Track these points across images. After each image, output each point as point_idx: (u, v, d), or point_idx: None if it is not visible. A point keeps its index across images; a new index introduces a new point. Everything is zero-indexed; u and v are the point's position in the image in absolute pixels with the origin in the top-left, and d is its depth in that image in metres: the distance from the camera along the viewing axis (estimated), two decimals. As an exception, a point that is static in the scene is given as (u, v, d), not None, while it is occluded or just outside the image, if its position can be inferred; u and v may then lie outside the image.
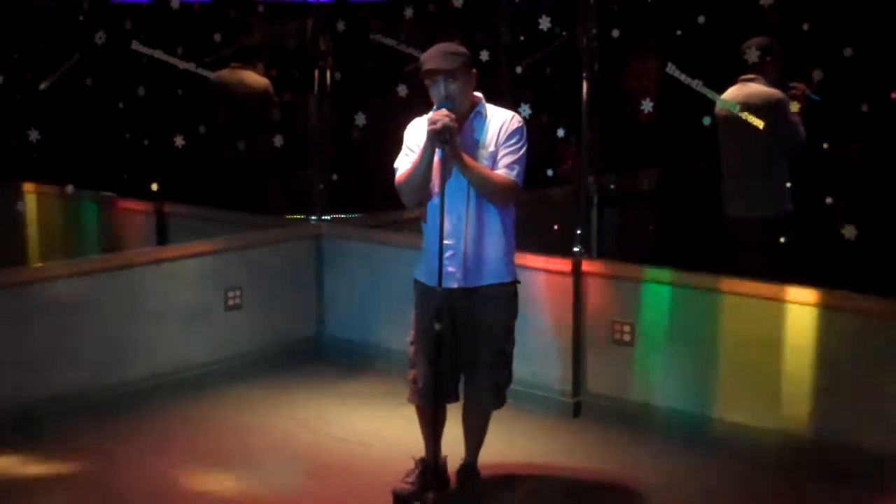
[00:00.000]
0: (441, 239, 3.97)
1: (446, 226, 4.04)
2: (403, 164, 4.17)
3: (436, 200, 4.06)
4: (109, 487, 4.52)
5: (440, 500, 4.18)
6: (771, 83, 5.22)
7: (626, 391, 5.19)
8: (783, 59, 5.20)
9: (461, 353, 4.19)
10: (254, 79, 6.83)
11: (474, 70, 4.14)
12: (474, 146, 4.09)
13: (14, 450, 4.83)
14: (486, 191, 4.09)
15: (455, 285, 4.10)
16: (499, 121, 4.14)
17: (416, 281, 4.31)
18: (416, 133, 4.18)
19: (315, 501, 4.48)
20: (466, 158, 4.02)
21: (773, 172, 5.32)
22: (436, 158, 4.03)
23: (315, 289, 6.33)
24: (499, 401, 4.32)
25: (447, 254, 4.08)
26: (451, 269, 4.10)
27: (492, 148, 4.11)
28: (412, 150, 4.15)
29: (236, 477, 4.64)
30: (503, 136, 4.11)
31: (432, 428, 4.34)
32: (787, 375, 4.73)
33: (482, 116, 4.16)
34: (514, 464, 4.75)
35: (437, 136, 3.91)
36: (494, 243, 4.16)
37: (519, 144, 4.12)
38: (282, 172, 6.89)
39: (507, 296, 4.23)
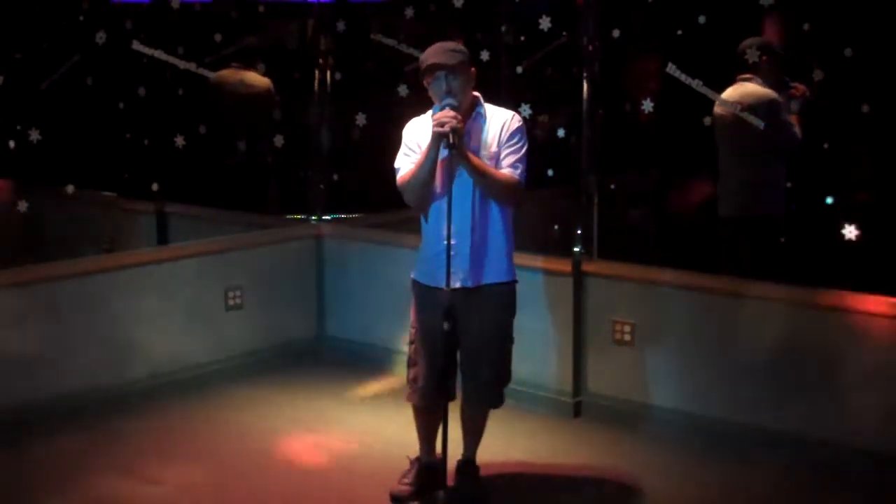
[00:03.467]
0: (449, 239, 3.98)
1: (452, 226, 4.07)
2: (405, 164, 4.17)
3: (438, 201, 4.09)
4: (109, 488, 4.52)
5: (448, 499, 4.18)
6: (767, 83, 5.21)
7: (626, 391, 5.19)
8: (780, 59, 5.19)
9: (463, 352, 4.20)
10: (256, 79, 6.82)
11: (473, 69, 4.15)
12: (477, 146, 4.10)
13: (14, 450, 4.83)
14: (492, 190, 4.11)
15: (458, 284, 4.10)
16: (499, 120, 4.15)
17: (415, 282, 4.31)
18: (415, 133, 4.19)
19: (315, 501, 4.48)
20: (473, 158, 4.03)
21: (766, 173, 5.31)
22: (440, 158, 4.05)
23: (315, 289, 6.33)
24: (499, 399, 4.34)
25: (451, 253, 4.09)
26: (454, 268, 4.10)
27: (494, 147, 4.12)
28: (413, 150, 4.16)
29: (237, 477, 4.64)
30: (505, 136, 4.12)
31: (429, 428, 4.37)
32: (787, 375, 4.73)
33: (482, 116, 4.17)
34: (514, 464, 4.76)
35: (444, 137, 3.92)
36: (497, 242, 4.17)
37: (521, 143, 4.14)
38: (283, 173, 6.88)
39: (508, 295, 4.25)
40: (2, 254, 5.94)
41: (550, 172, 5.53)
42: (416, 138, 4.17)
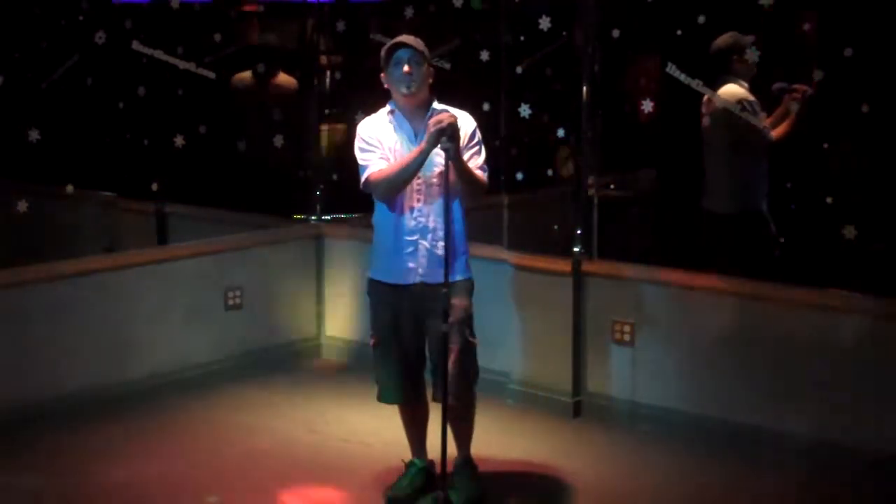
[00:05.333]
0: (447, 238, 4.02)
1: (413, 223, 4.15)
2: (374, 159, 4.17)
3: (406, 197, 4.13)
4: (110, 487, 4.52)
5: (446, 498, 4.18)
6: (744, 79, 5.20)
7: (626, 391, 5.19)
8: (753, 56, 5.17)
9: (431, 349, 4.23)
10: (285, 79, 6.76)
11: (433, 69, 4.22)
12: None
13: (13, 450, 4.83)
14: (471, 189, 4.18)
15: (417, 280, 4.17)
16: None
17: (377, 283, 4.31)
18: (373, 129, 4.21)
19: (315, 501, 4.48)
20: (462, 158, 4.05)
21: (734, 170, 5.32)
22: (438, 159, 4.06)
23: (315, 289, 6.33)
24: (471, 393, 4.33)
25: (409, 249, 4.16)
26: (431, 264, 4.15)
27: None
28: (376, 147, 4.18)
29: (236, 477, 4.64)
30: (465, 138, 4.16)
31: (415, 427, 4.41)
32: (787, 375, 4.74)
33: (437, 113, 4.18)
34: (514, 463, 4.76)
35: (444, 135, 3.94)
36: (459, 240, 4.22)
37: (480, 145, 4.23)
38: (284, 173, 6.87)
39: (469, 290, 4.29)
40: (2, 254, 5.94)
41: (550, 172, 5.53)
42: (376, 134, 4.20)
